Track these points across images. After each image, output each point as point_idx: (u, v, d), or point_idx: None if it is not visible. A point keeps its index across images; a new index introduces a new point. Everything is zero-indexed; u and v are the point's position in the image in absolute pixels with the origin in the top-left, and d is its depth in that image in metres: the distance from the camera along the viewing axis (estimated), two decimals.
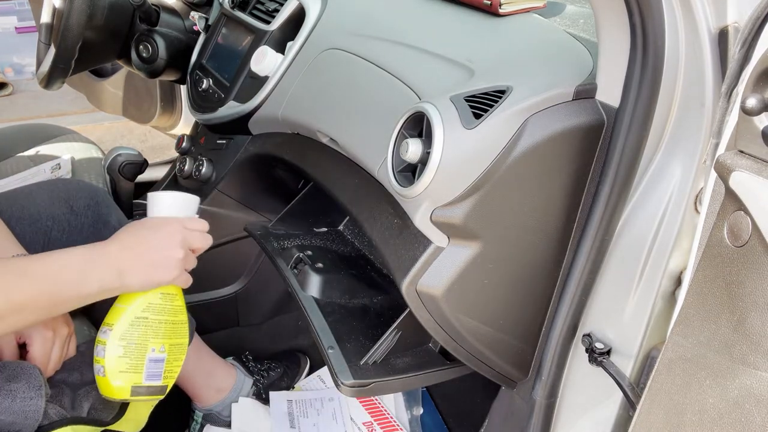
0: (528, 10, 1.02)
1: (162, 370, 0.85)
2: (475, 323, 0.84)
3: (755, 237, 0.48)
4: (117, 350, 0.82)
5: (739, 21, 0.65)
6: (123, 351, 0.82)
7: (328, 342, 0.96)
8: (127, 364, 0.82)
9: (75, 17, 1.15)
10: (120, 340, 0.82)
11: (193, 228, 0.86)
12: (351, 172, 0.96)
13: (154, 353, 0.84)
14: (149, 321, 0.83)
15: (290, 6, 1.21)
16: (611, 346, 0.80)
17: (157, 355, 0.84)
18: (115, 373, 0.82)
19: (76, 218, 1.03)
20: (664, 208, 0.73)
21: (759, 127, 0.49)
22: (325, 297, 1.06)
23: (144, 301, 0.83)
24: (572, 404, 0.88)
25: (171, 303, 0.86)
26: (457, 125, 0.72)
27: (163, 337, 0.85)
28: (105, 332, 0.83)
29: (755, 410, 0.49)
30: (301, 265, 1.11)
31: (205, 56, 1.38)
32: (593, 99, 0.75)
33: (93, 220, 1.05)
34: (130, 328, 0.82)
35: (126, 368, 0.82)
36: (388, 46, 0.98)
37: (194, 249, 0.86)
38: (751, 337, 0.49)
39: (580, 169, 0.76)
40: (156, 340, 0.84)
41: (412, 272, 0.79)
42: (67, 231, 1.04)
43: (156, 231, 0.82)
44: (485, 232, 0.76)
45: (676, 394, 0.55)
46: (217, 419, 1.22)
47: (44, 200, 1.02)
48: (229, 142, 1.34)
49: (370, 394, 0.95)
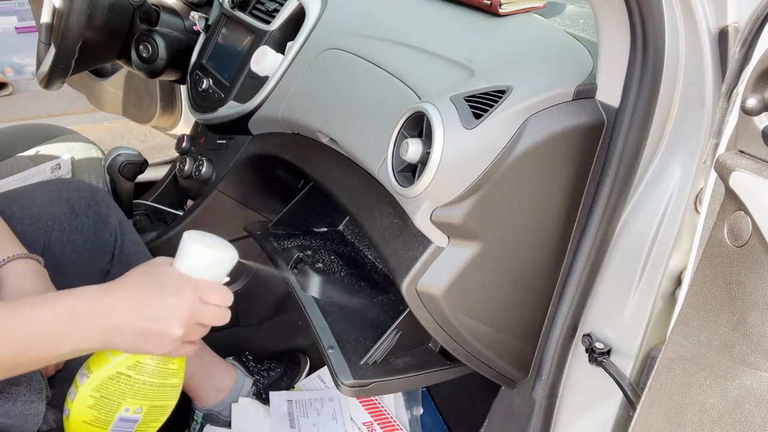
0: (528, 10, 1.02)
1: (132, 431, 0.78)
2: (475, 323, 0.84)
3: (755, 237, 0.48)
4: (87, 400, 0.75)
5: (739, 21, 0.65)
6: (93, 402, 0.75)
7: (328, 342, 0.96)
8: (93, 417, 0.75)
9: (75, 17, 1.15)
10: (94, 390, 0.74)
11: (211, 302, 0.73)
12: (351, 172, 0.96)
13: (128, 413, 0.76)
14: (132, 380, 0.75)
15: (290, 6, 1.21)
16: (611, 346, 0.80)
17: (130, 416, 0.76)
18: (78, 423, 0.76)
19: (76, 218, 1.03)
20: (664, 208, 0.73)
21: (759, 127, 0.49)
22: (325, 297, 1.06)
23: (132, 359, 0.75)
24: (572, 404, 0.88)
25: (164, 366, 0.77)
26: (457, 125, 0.72)
27: (143, 399, 0.77)
28: (82, 376, 0.76)
29: (755, 410, 0.49)
30: (301, 265, 1.11)
31: (205, 56, 1.38)
32: (593, 99, 0.75)
33: (93, 220, 1.05)
34: (108, 381, 0.74)
35: (91, 420, 0.75)
36: (388, 46, 0.98)
37: (204, 324, 0.74)
38: (751, 337, 0.49)
39: (580, 169, 0.76)
40: (134, 400, 0.76)
41: (412, 272, 0.79)
42: (67, 231, 1.04)
43: (164, 295, 0.71)
44: (485, 232, 0.76)
45: (676, 394, 0.55)
46: (217, 419, 1.22)
47: (45, 200, 1.02)
48: (229, 142, 1.34)
49: (370, 394, 0.95)
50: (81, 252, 1.05)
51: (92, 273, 1.06)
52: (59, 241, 1.02)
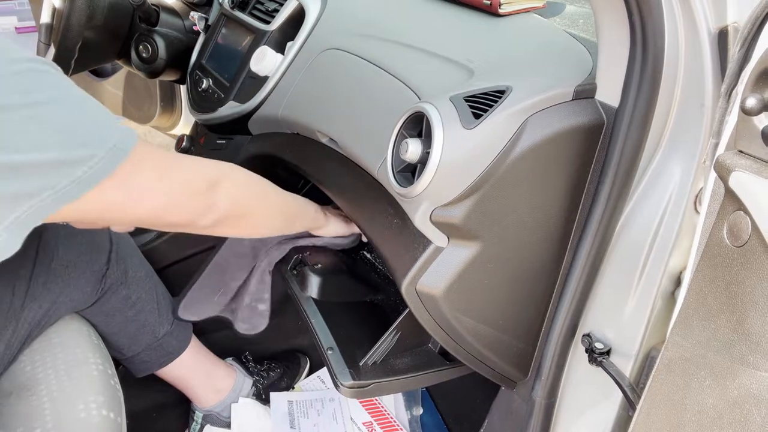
0: (527, 10, 1.02)
1: None
2: (474, 323, 0.84)
3: (755, 237, 0.48)
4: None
5: (739, 21, 0.65)
6: None
7: (328, 343, 0.96)
8: None
9: (75, 17, 1.15)
10: None
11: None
12: (350, 172, 0.96)
13: None
14: None
15: (290, 6, 1.21)
16: (611, 346, 0.80)
17: None
18: None
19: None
20: (664, 208, 0.73)
21: (759, 127, 0.49)
22: (324, 298, 1.06)
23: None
24: (572, 404, 0.88)
25: None
26: (457, 125, 0.72)
27: None
28: None
29: (755, 410, 0.49)
30: (300, 266, 1.11)
31: (204, 56, 1.38)
32: (593, 99, 0.75)
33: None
34: None
35: None
36: (388, 46, 0.98)
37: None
38: (750, 337, 0.49)
39: (579, 169, 0.76)
40: None
41: (412, 272, 0.79)
42: (62, 234, 1.04)
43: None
44: (485, 232, 0.76)
45: (676, 394, 0.55)
46: (217, 420, 1.22)
47: None
48: (228, 142, 1.34)
49: (370, 395, 0.95)
50: (75, 254, 1.04)
51: (86, 274, 1.06)
52: (51, 242, 1.02)
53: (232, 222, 0.82)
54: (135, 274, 1.14)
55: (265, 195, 0.91)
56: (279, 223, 0.95)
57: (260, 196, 0.90)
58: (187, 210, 0.74)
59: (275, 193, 0.93)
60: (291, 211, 0.98)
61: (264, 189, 0.91)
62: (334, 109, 0.99)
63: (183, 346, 1.20)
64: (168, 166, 0.70)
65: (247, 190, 0.86)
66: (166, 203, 0.70)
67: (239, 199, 0.82)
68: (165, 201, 0.70)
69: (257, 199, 0.88)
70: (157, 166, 0.69)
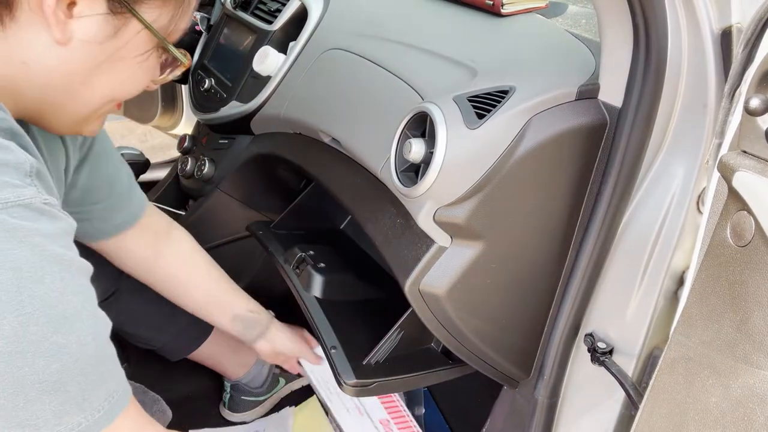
0: (530, 11, 1.02)
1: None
2: (477, 323, 0.84)
3: (758, 237, 0.48)
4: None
5: (742, 21, 0.65)
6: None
7: (331, 342, 0.97)
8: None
9: None
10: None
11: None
12: (353, 172, 0.96)
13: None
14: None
15: (292, 6, 1.21)
16: (613, 346, 0.80)
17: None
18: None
19: None
20: (667, 208, 0.73)
21: (762, 128, 0.50)
22: (327, 297, 1.06)
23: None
24: (574, 404, 0.88)
25: None
26: (460, 125, 0.72)
27: None
28: None
29: (758, 409, 0.49)
30: (303, 265, 1.11)
31: (207, 56, 1.38)
32: (596, 99, 0.75)
33: None
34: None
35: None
36: (391, 46, 0.98)
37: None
38: (754, 336, 0.49)
39: (582, 169, 0.76)
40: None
41: (415, 272, 0.79)
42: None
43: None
44: (488, 232, 0.77)
45: (679, 394, 0.55)
46: (245, 390, 1.33)
47: None
48: (231, 142, 1.34)
49: (372, 394, 0.95)
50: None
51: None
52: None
53: None
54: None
55: None
56: None
57: None
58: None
59: None
60: None
61: None
62: (337, 109, 1.00)
63: (208, 331, 1.28)
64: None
65: None
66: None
67: None
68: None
69: None
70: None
